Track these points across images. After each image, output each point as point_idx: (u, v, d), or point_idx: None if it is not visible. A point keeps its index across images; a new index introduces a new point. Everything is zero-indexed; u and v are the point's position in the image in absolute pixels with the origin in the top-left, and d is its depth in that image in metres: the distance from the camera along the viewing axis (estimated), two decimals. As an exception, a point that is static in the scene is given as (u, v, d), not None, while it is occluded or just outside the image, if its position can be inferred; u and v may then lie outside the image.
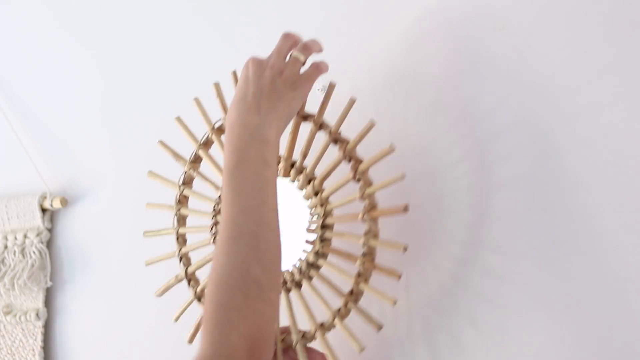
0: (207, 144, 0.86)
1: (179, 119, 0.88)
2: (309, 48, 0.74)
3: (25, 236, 1.12)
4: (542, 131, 0.72)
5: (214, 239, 0.85)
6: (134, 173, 1.05)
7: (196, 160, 0.87)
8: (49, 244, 1.12)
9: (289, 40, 0.74)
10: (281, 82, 0.71)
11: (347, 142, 0.75)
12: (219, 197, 0.84)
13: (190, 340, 0.87)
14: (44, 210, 1.12)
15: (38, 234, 1.11)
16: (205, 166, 0.86)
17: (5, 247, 1.13)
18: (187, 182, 0.88)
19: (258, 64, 0.72)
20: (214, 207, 0.85)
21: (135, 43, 1.07)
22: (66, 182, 1.12)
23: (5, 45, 1.22)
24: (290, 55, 0.74)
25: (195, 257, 0.88)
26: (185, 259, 0.89)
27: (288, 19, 0.92)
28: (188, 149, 0.87)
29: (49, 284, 1.11)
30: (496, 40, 0.75)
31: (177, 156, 0.88)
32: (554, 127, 0.71)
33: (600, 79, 0.69)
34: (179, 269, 0.89)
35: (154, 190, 0.99)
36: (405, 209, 0.71)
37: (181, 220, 0.89)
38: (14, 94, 1.18)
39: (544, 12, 0.72)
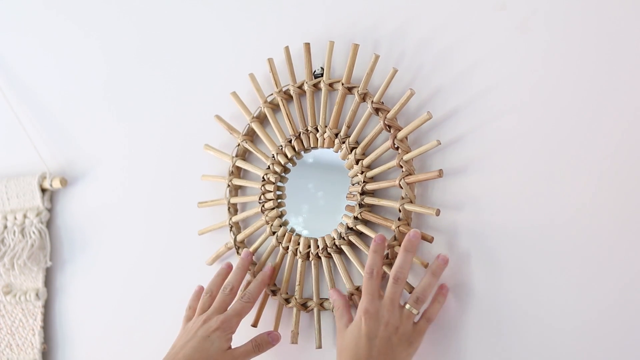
0: (259, 117, 0.91)
1: (234, 94, 0.93)
2: (422, 299, 0.74)
3: (25, 216, 1.11)
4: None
5: (262, 208, 0.89)
6: (133, 153, 1.06)
7: (249, 133, 0.92)
8: (49, 224, 1.11)
9: (398, 285, 0.73)
10: (397, 340, 0.71)
11: (388, 111, 0.78)
12: (268, 167, 0.88)
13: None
14: (43, 190, 1.11)
15: (38, 214, 1.10)
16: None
17: (5, 227, 1.12)
18: (240, 154, 0.93)
19: (374, 321, 0.71)
20: (263, 177, 0.89)
21: (137, 24, 1.06)
22: (66, 163, 1.11)
23: (6, 26, 1.20)
24: (404, 308, 0.73)
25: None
26: (235, 227, 0.93)
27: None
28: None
29: (49, 263, 1.10)
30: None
31: (231, 129, 0.93)
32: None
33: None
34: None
35: (152, 169, 1.03)
36: (440, 174, 0.73)
37: (233, 190, 0.94)
38: (14, 74, 1.16)
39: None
